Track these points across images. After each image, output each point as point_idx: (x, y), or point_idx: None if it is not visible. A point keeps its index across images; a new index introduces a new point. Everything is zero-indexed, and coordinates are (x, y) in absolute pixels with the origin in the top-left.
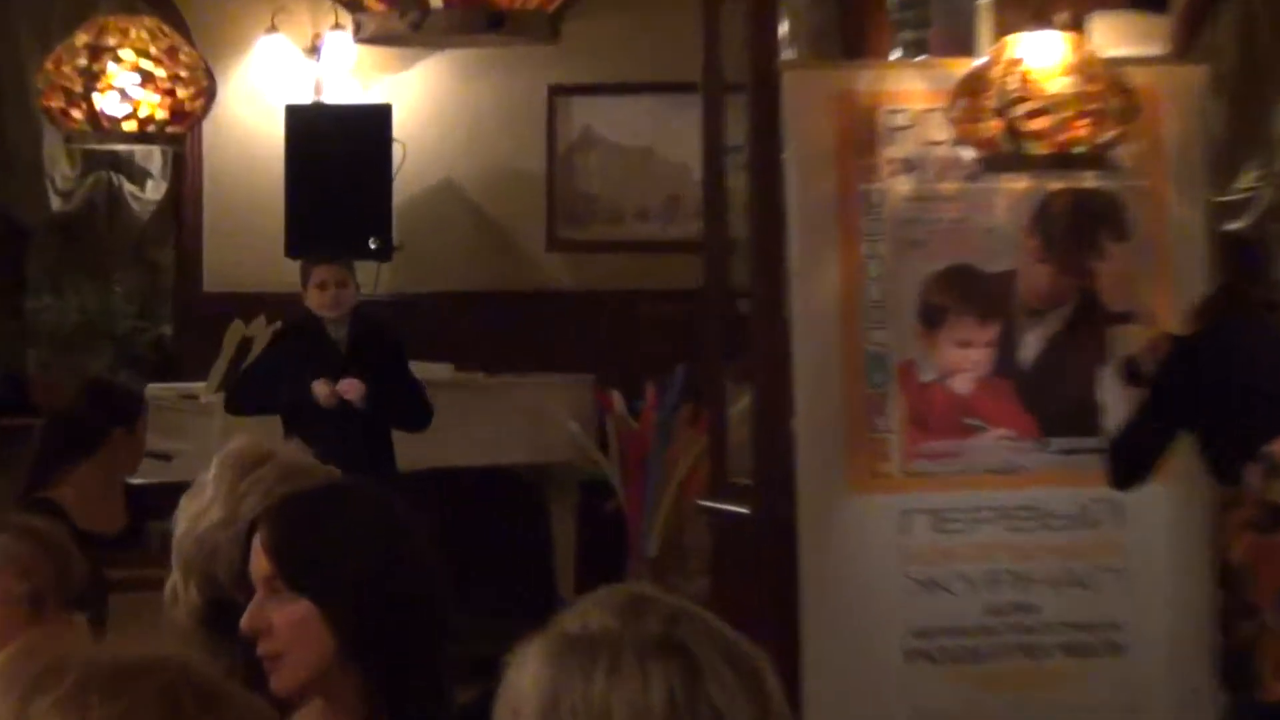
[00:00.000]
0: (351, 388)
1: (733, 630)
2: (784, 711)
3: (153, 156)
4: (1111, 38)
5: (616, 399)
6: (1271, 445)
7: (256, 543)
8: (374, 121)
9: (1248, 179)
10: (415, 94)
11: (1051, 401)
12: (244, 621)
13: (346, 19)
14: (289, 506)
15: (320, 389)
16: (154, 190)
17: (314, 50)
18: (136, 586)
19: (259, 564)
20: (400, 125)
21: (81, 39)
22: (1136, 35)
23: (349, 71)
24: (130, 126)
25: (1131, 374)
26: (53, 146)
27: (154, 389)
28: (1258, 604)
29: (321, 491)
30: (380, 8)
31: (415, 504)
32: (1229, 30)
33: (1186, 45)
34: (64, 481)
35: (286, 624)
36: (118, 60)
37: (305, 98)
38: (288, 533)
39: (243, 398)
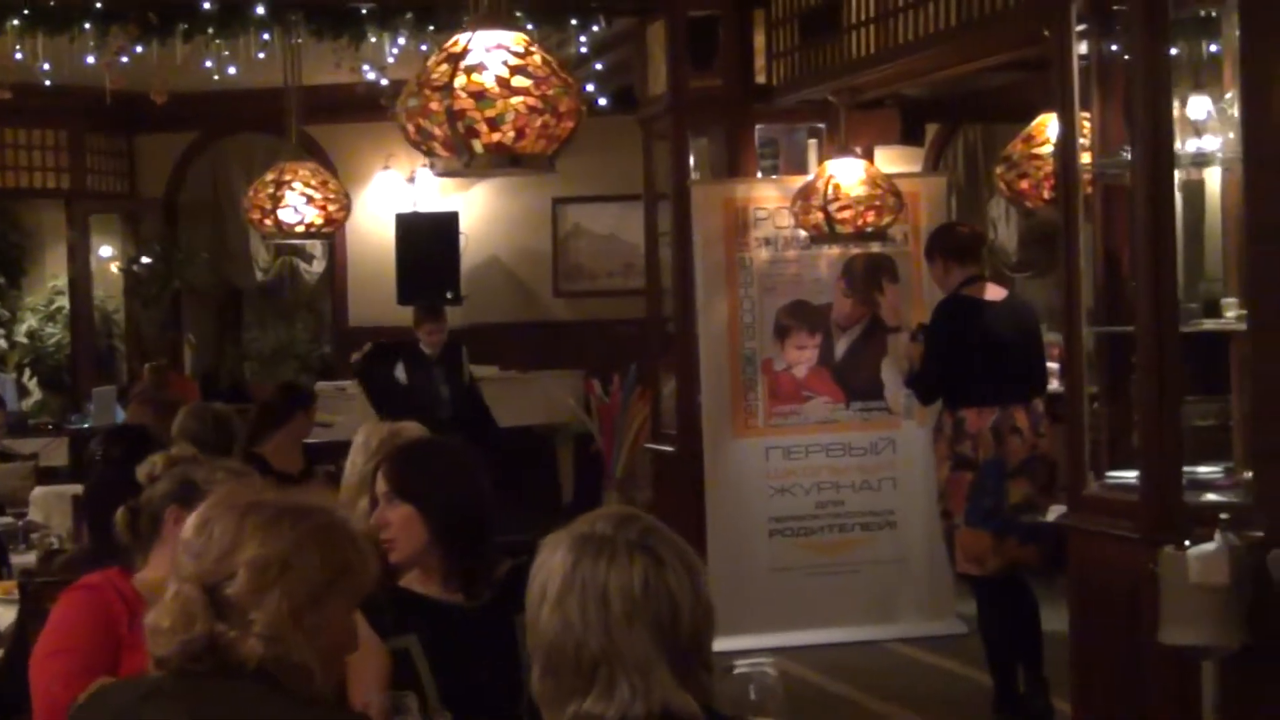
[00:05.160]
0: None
1: (679, 537)
2: (705, 588)
3: (316, 246)
4: (889, 161)
5: (596, 385)
6: (961, 410)
7: (380, 474)
8: (449, 221)
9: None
10: (474, 203)
11: (854, 380)
12: (371, 519)
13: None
14: (400, 450)
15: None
16: (318, 266)
17: (412, 179)
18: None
19: (380, 485)
20: (465, 223)
21: (270, 176)
22: (904, 159)
23: (435, 190)
24: (300, 229)
25: (914, 337)
26: (255, 241)
27: (320, 385)
28: (952, 511)
29: (421, 442)
30: (445, 153)
31: (476, 449)
32: (958, 155)
33: (934, 164)
34: (267, 441)
35: (397, 521)
36: (292, 188)
37: (407, 208)
38: (399, 464)
39: (375, 382)
